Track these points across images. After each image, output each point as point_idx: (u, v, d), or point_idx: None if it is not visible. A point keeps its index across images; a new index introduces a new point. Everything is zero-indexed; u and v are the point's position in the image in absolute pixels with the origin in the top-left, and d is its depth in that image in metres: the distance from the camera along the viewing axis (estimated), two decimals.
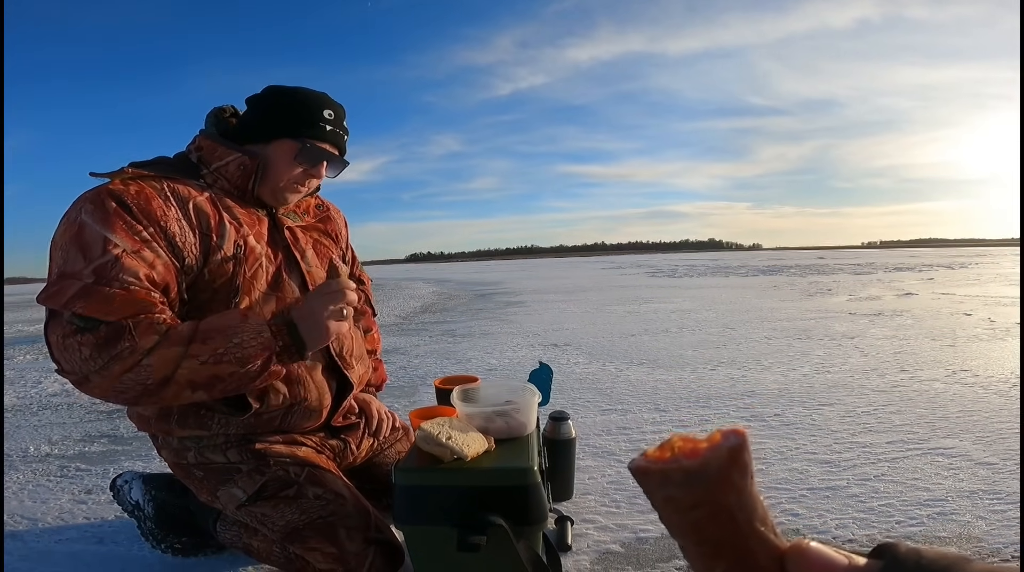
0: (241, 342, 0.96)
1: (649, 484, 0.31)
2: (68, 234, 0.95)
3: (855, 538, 1.37)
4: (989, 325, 4.61)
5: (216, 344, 0.94)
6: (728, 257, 42.90)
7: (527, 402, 1.14)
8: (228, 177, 1.12)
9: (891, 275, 11.94)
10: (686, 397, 2.70)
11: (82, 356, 0.90)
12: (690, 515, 0.30)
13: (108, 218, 0.95)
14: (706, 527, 0.30)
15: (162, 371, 0.91)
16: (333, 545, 1.07)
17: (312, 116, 1.12)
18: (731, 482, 0.30)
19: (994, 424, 2.14)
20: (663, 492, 0.31)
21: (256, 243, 1.11)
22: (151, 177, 1.05)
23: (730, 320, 5.39)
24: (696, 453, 0.30)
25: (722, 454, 0.30)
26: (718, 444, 0.30)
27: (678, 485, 0.30)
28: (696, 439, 0.31)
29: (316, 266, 1.21)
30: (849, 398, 2.58)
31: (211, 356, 0.94)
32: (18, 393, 3.35)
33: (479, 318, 6.46)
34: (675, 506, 0.31)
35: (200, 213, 1.05)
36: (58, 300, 0.91)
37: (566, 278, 15.66)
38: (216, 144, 1.12)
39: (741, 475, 0.30)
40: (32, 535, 1.53)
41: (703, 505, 0.30)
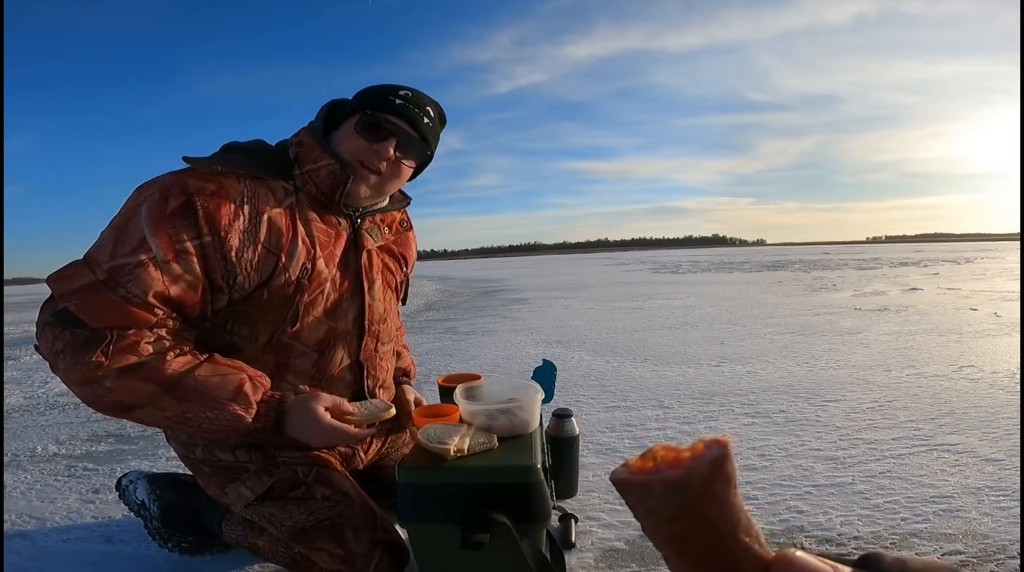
0: (215, 418, 0.94)
1: (631, 496, 0.31)
2: (122, 216, 0.94)
3: (860, 535, 1.37)
4: (995, 320, 4.59)
5: (189, 408, 0.92)
6: (732, 253, 42.78)
7: (530, 399, 1.14)
8: (318, 183, 1.06)
9: (896, 270, 11.89)
10: (690, 393, 2.70)
11: (54, 348, 0.90)
12: (673, 527, 0.30)
13: (160, 218, 0.92)
14: (690, 539, 0.30)
15: (121, 397, 0.90)
16: (339, 546, 1.08)
17: (383, 92, 1.06)
18: (714, 494, 0.29)
19: (1000, 420, 2.13)
20: (644, 504, 0.30)
21: (325, 267, 1.07)
22: (238, 176, 1.00)
23: (734, 316, 5.38)
24: (679, 463, 0.30)
25: (704, 466, 0.29)
26: (700, 455, 0.29)
27: (659, 497, 0.29)
28: (679, 449, 0.31)
29: (379, 299, 1.18)
30: (854, 394, 2.57)
31: (176, 416, 0.92)
32: (25, 393, 3.37)
33: (482, 315, 6.46)
34: (657, 518, 0.30)
35: (273, 229, 1.01)
36: (62, 286, 0.90)
37: (569, 275, 15.65)
38: (315, 144, 1.07)
39: (724, 486, 0.30)
40: (40, 534, 1.54)
41: (686, 517, 0.29)
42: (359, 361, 1.17)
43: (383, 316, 1.21)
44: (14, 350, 5.29)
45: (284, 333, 1.06)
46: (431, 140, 1.12)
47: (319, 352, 1.11)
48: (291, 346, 1.08)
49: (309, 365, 1.11)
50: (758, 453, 1.91)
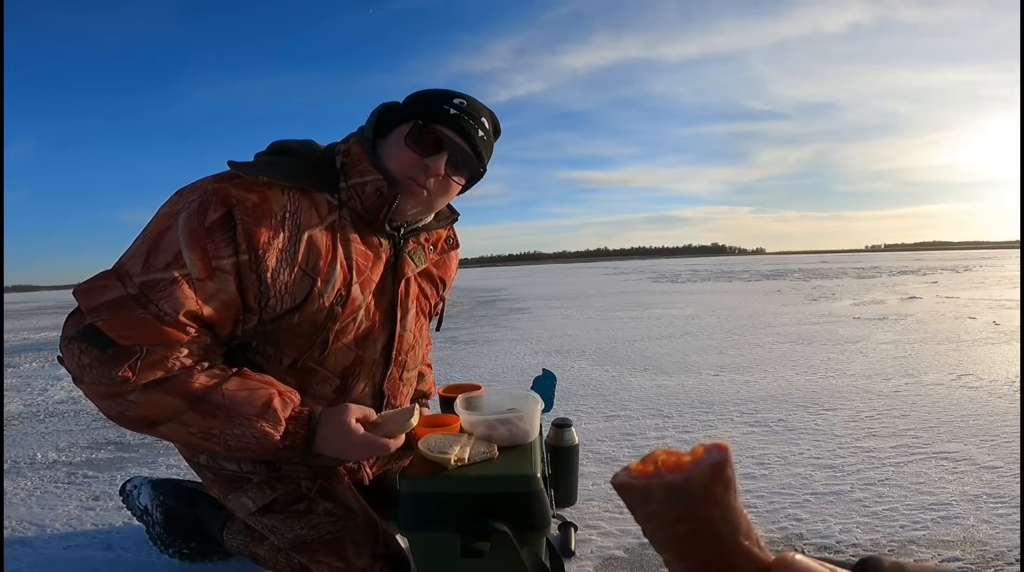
0: (242, 435, 0.90)
1: (632, 500, 0.31)
2: (158, 223, 0.90)
3: (859, 543, 1.37)
4: (993, 328, 4.60)
5: (215, 424, 0.88)
6: (731, 261, 42.83)
7: (530, 409, 1.14)
8: (363, 199, 1.00)
9: (895, 279, 11.91)
10: (689, 403, 2.70)
11: (80, 363, 0.86)
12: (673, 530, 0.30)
13: (198, 231, 0.88)
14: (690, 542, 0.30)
15: (146, 413, 0.87)
16: (340, 560, 1.07)
17: (436, 100, 0.99)
18: (714, 497, 0.30)
19: (999, 428, 2.14)
20: (645, 508, 0.31)
21: (360, 293, 1.02)
22: (282, 187, 0.95)
23: (733, 325, 5.39)
24: (680, 467, 0.30)
25: (705, 469, 0.30)
26: (701, 459, 0.30)
27: (660, 501, 0.30)
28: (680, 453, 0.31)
29: (410, 330, 1.15)
30: (853, 403, 2.58)
31: (202, 432, 0.89)
32: (25, 400, 3.37)
33: (482, 325, 6.47)
34: (658, 522, 0.31)
35: (312, 249, 0.96)
36: (90, 300, 0.86)
37: (569, 284, 15.66)
38: (364, 155, 1.00)
39: (724, 490, 0.30)
40: (41, 541, 1.54)
41: (686, 521, 0.30)
42: (381, 389, 1.15)
43: (412, 345, 1.17)
44: (13, 358, 5.29)
45: (310, 358, 1.03)
46: (485, 155, 1.04)
47: (342, 379, 1.08)
48: (315, 371, 1.05)
49: (330, 391, 1.08)
50: (757, 461, 1.92)
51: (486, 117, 1.03)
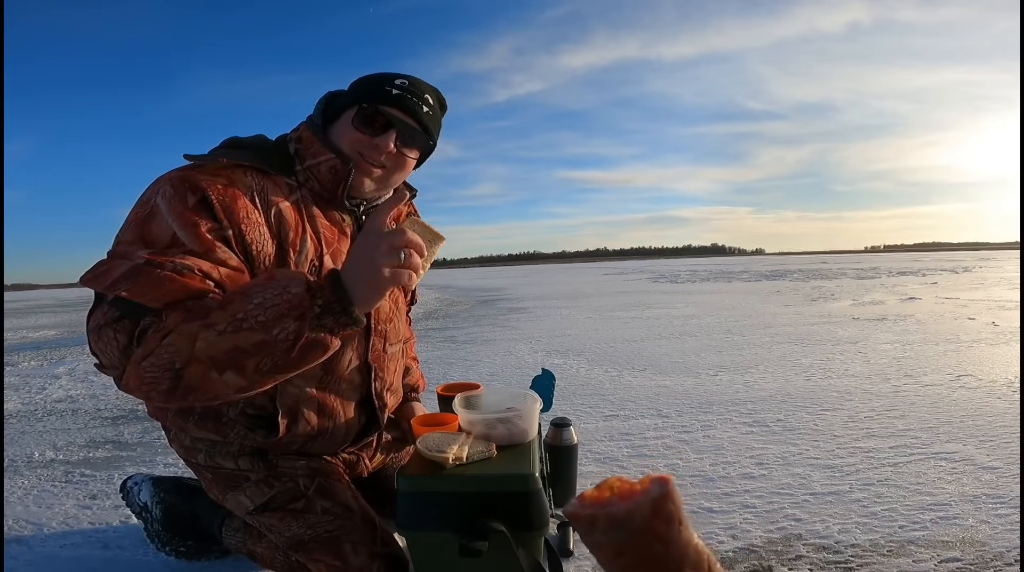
0: (263, 301, 0.78)
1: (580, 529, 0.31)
2: (137, 215, 0.88)
3: (858, 543, 1.37)
4: (992, 329, 4.60)
5: (235, 308, 0.79)
6: (731, 262, 42.85)
7: (529, 409, 1.14)
8: (319, 178, 1.04)
9: (894, 279, 11.92)
10: (688, 403, 2.70)
11: (119, 345, 0.81)
12: (618, 562, 0.30)
13: (183, 212, 0.87)
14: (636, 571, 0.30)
15: (184, 349, 0.78)
16: (338, 559, 1.07)
17: (379, 82, 1.02)
18: (655, 533, 0.30)
19: (998, 428, 2.14)
20: (591, 538, 0.31)
21: (332, 264, 1.04)
22: (243, 169, 0.97)
23: (733, 325, 5.39)
24: (631, 495, 0.30)
25: (644, 505, 0.29)
26: (645, 491, 0.30)
27: (603, 532, 0.30)
28: (632, 482, 0.31)
29: (385, 299, 1.17)
30: (852, 403, 2.58)
31: (229, 322, 0.78)
32: (23, 399, 3.36)
33: (481, 324, 6.46)
34: (603, 552, 0.31)
35: (283, 222, 0.98)
36: (102, 282, 0.82)
37: (568, 284, 15.66)
38: (315, 139, 1.04)
39: (666, 525, 0.30)
40: (37, 540, 1.54)
41: (629, 553, 0.30)
42: (367, 362, 1.15)
43: (389, 315, 1.18)
44: (12, 356, 5.29)
45: None
46: (432, 129, 1.08)
47: None
48: None
49: (317, 366, 1.10)
50: (756, 462, 1.92)
51: (429, 94, 1.06)
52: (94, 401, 3.21)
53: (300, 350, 0.80)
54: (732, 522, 1.51)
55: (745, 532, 1.45)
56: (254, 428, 1.06)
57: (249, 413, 1.05)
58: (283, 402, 1.04)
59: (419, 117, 1.04)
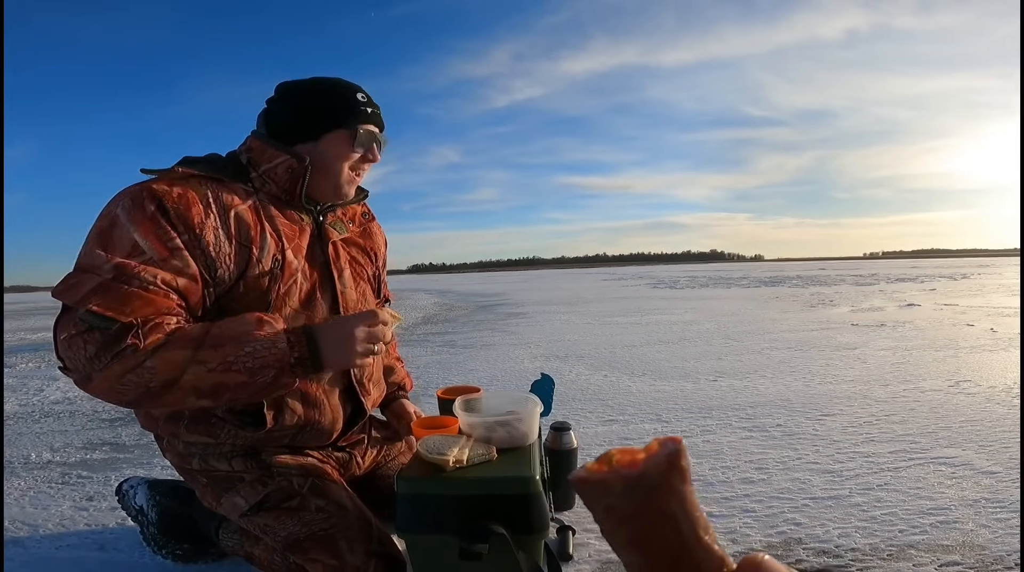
0: (253, 352, 0.91)
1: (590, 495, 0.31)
2: (99, 227, 0.94)
3: (858, 547, 1.37)
4: (991, 336, 4.60)
5: (227, 351, 0.90)
6: (730, 268, 42.90)
7: (529, 412, 1.14)
8: (276, 180, 1.10)
9: (893, 286, 11.93)
10: (687, 408, 2.70)
11: (87, 354, 0.87)
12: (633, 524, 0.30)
13: (142, 221, 0.93)
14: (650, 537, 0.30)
15: (165, 374, 0.88)
16: (334, 557, 1.07)
17: (353, 102, 1.13)
18: (672, 488, 0.30)
19: (997, 433, 2.14)
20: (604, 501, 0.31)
21: (294, 258, 1.09)
22: (198, 178, 1.03)
23: (732, 331, 5.39)
24: (635, 464, 0.30)
25: (661, 460, 0.30)
26: (656, 452, 0.30)
27: (619, 494, 0.30)
28: (634, 450, 0.31)
29: (350, 287, 1.20)
30: (851, 408, 2.57)
31: (220, 363, 0.90)
32: (20, 400, 3.35)
33: (481, 329, 6.46)
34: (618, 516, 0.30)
35: (241, 223, 1.03)
36: (73, 295, 0.89)
37: (568, 289, 15.67)
38: (266, 146, 1.11)
39: (681, 480, 0.30)
40: (33, 541, 1.53)
41: (645, 513, 0.30)
42: None
43: (357, 303, 1.22)
44: (10, 358, 5.27)
45: None
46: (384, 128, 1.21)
47: None
48: None
49: None
50: (756, 467, 1.91)
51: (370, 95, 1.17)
52: (91, 403, 3.20)
53: (269, 390, 0.95)
54: (732, 526, 1.50)
55: (745, 536, 1.45)
56: (243, 424, 1.08)
57: (237, 410, 1.08)
58: None
59: (383, 125, 1.17)
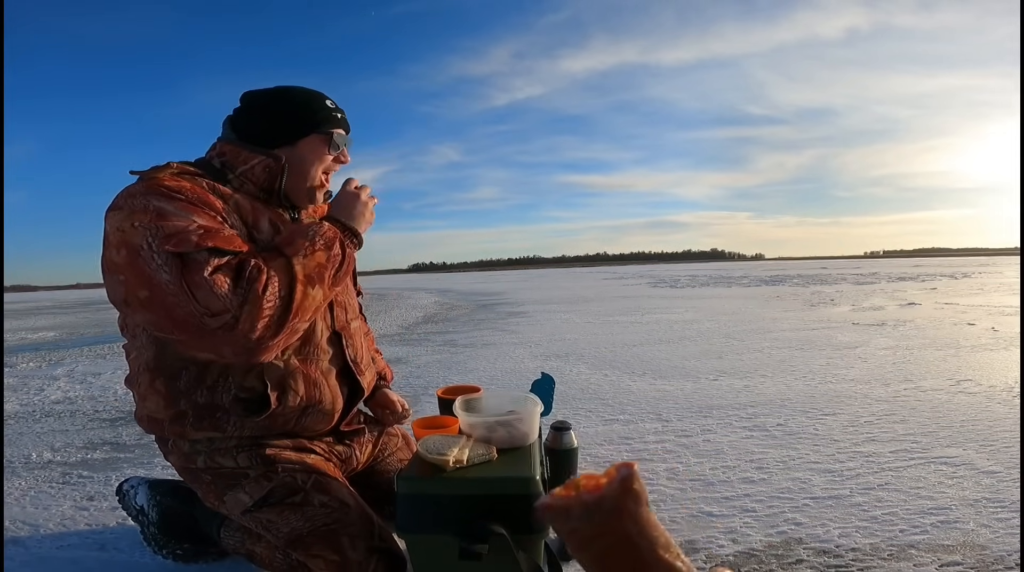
0: (316, 233, 1.06)
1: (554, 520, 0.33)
2: (148, 217, 0.96)
3: (858, 547, 1.37)
4: (992, 335, 4.60)
5: (301, 242, 1.03)
6: (730, 267, 42.88)
7: (529, 412, 1.14)
8: (254, 180, 1.15)
9: (894, 285, 11.92)
10: (688, 407, 2.70)
11: (228, 289, 0.94)
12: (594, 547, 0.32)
13: (184, 206, 0.99)
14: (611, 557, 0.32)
15: (286, 276, 0.99)
16: (336, 553, 1.08)
17: (324, 109, 1.18)
18: (627, 511, 0.32)
19: (998, 433, 2.14)
20: (567, 526, 0.33)
21: None
22: (190, 174, 1.08)
23: (732, 330, 5.39)
24: (598, 488, 0.32)
25: (615, 486, 0.32)
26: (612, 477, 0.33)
27: (579, 518, 0.32)
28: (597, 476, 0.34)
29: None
30: (852, 408, 2.57)
31: (304, 250, 1.02)
32: (21, 400, 3.35)
33: (481, 328, 6.46)
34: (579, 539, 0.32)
35: (240, 208, 1.09)
36: (188, 244, 0.94)
37: (568, 288, 15.67)
38: (239, 148, 1.15)
39: (636, 503, 0.32)
40: (33, 541, 1.53)
41: (604, 536, 0.31)
42: (336, 331, 1.23)
43: (344, 289, 1.29)
44: (11, 357, 5.28)
45: None
46: None
47: None
48: None
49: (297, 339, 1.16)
50: (756, 466, 1.91)
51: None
52: (92, 403, 3.20)
53: (344, 266, 1.09)
54: (732, 526, 1.50)
55: (745, 536, 1.45)
56: (248, 412, 1.10)
57: (242, 397, 1.10)
58: (271, 377, 1.10)
59: (348, 127, 1.24)
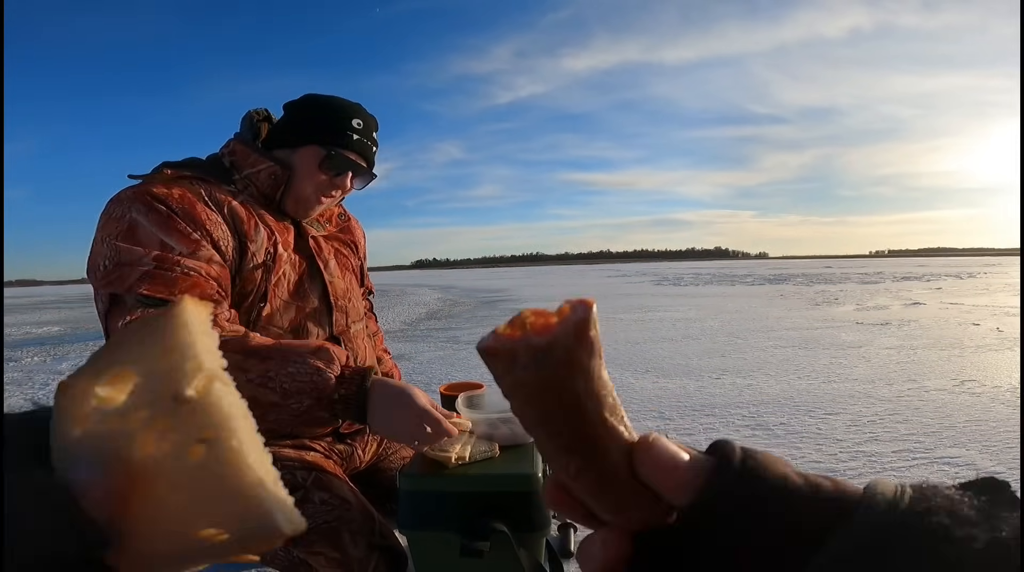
0: (295, 373, 0.88)
1: (497, 367, 0.28)
2: (117, 231, 0.94)
3: None
4: (997, 335, 4.58)
5: (270, 365, 0.88)
6: (734, 265, 42.78)
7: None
8: (258, 185, 1.13)
9: (899, 284, 11.88)
10: (691, 405, 2.69)
11: None
12: (540, 402, 0.27)
13: (160, 221, 0.95)
14: (556, 416, 0.27)
15: None
16: (337, 550, 1.07)
17: (340, 123, 1.13)
18: (579, 363, 0.27)
19: (1001, 434, 2.13)
20: (511, 376, 0.28)
21: (284, 250, 1.12)
22: (188, 179, 1.05)
23: (736, 329, 5.37)
24: (548, 329, 0.27)
25: (568, 330, 0.27)
26: (566, 318, 0.27)
27: (525, 367, 0.27)
28: (548, 313, 0.28)
29: (337, 277, 1.21)
30: (855, 407, 2.57)
31: (259, 376, 0.88)
32: (26, 395, 3.37)
33: (484, 325, 6.46)
34: (524, 392, 0.28)
35: (236, 217, 1.06)
36: (121, 284, 0.91)
37: (572, 286, 15.66)
38: (249, 151, 1.13)
39: (588, 354, 0.27)
40: None
41: (552, 390, 0.27)
42: (334, 336, 1.19)
43: (347, 293, 1.24)
44: (15, 352, 5.30)
45: (259, 317, 1.09)
46: (374, 163, 1.21)
47: (294, 333, 1.14)
48: (267, 330, 1.10)
49: None
50: None
51: (375, 129, 1.17)
52: None
53: (304, 419, 0.91)
54: None
55: None
56: None
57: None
58: None
59: (370, 157, 1.17)
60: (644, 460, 0.27)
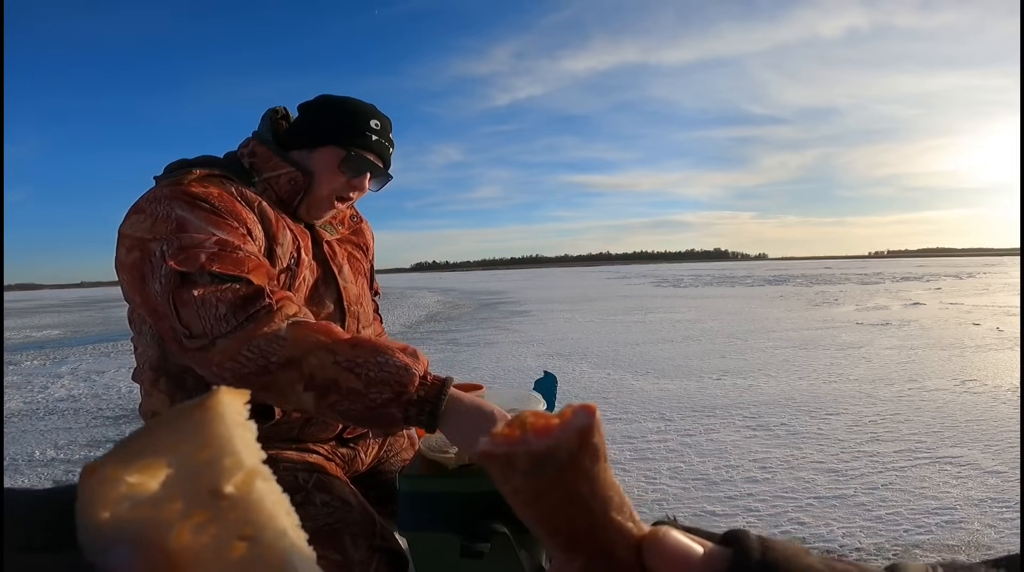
0: (384, 363, 0.88)
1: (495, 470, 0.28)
2: (167, 227, 0.93)
3: (862, 546, 1.36)
4: (997, 335, 4.58)
5: (360, 352, 0.87)
6: (734, 267, 42.81)
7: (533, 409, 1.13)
8: (277, 189, 1.11)
9: (898, 285, 11.88)
10: (691, 406, 2.69)
11: (218, 314, 0.87)
12: (541, 505, 0.27)
13: (207, 216, 0.95)
14: (559, 516, 0.27)
15: (293, 350, 0.86)
16: (338, 552, 1.07)
17: (358, 124, 1.12)
18: (582, 468, 0.27)
19: (1002, 433, 2.12)
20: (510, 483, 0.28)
21: (305, 255, 1.11)
22: (218, 178, 1.04)
23: (736, 330, 5.37)
24: (548, 431, 0.27)
25: (571, 436, 0.27)
26: (567, 423, 0.27)
27: (523, 473, 0.27)
28: (549, 416, 0.28)
29: (351, 282, 1.21)
30: (856, 408, 2.56)
31: (348, 360, 0.87)
32: (25, 398, 3.37)
33: (484, 327, 6.46)
34: (524, 496, 0.28)
35: (266, 218, 1.05)
36: (192, 264, 0.89)
37: (571, 288, 15.65)
38: (271, 153, 1.12)
39: (592, 460, 0.27)
40: None
41: (553, 492, 0.27)
42: None
43: (359, 298, 1.23)
44: (15, 355, 5.30)
45: None
46: (390, 165, 1.22)
47: None
48: None
49: None
50: (760, 466, 1.90)
51: (391, 130, 1.16)
52: (96, 401, 3.21)
53: (375, 414, 0.88)
54: (735, 525, 1.49)
55: None
56: (251, 417, 1.07)
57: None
58: None
59: (387, 158, 1.15)
60: (654, 556, 0.26)
